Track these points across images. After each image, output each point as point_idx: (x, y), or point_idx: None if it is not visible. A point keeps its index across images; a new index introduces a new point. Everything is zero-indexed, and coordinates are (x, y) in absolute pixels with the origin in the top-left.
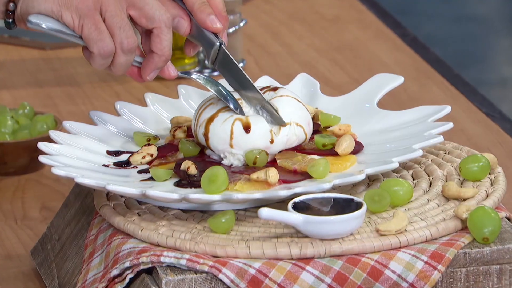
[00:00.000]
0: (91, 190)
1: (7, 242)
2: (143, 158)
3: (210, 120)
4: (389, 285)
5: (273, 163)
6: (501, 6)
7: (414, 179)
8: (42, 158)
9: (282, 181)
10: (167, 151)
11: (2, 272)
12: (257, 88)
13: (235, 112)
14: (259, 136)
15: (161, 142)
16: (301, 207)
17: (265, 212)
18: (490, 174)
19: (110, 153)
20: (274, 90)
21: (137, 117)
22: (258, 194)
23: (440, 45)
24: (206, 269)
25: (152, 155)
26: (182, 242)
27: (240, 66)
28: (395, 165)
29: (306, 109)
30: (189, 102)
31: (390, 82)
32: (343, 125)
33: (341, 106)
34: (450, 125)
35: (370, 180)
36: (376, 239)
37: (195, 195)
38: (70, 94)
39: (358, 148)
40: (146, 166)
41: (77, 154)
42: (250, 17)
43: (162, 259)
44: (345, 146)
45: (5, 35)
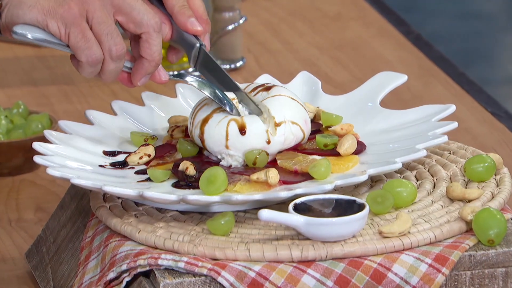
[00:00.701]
0: (87, 191)
1: (1, 245)
2: (141, 158)
3: (205, 121)
4: None
5: (273, 164)
6: (506, 2)
7: (417, 180)
8: (37, 159)
9: (283, 182)
10: (165, 151)
11: None
12: (240, 87)
13: (230, 112)
14: (255, 136)
15: (158, 142)
16: (302, 209)
17: (265, 213)
18: (495, 174)
19: (107, 153)
20: (268, 89)
21: (134, 116)
22: (258, 195)
23: (444, 42)
24: (205, 272)
25: (149, 156)
26: (180, 245)
27: (222, 67)
28: (398, 165)
29: (303, 107)
30: (187, 101)
31: (393, 80)
32: (345, 124)
33: (343, 105)
34: (454, 124)
35: (373, 181)
36: (379, 241)
37: (194, 196)
38: (65, 93)
39: (360, 148)
40: (143, 167)
41: (73, 154)
42: (250, 14)
43: (160, 262)
44: (347, 146)
45: None
